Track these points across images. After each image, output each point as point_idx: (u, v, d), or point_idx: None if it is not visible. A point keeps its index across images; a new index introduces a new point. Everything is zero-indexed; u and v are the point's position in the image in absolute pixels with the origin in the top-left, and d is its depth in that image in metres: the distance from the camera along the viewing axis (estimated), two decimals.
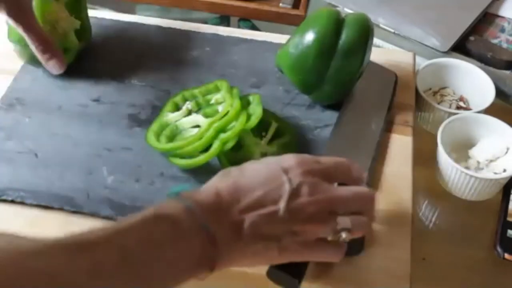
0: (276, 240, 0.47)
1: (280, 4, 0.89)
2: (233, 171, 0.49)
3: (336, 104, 0.69)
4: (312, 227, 0.48)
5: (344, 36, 0.64)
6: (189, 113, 0.66)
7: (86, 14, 0.75)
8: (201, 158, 0.60)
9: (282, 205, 0.47)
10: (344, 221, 0.49)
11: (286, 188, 0.47)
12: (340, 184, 0.52)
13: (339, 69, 0.65)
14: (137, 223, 0.43)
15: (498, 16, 0.86)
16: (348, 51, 0.64)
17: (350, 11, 0.83)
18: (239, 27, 0.94)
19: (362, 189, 0.52)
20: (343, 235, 0.48)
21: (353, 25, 0.64)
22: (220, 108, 0.64)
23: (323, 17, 0.65)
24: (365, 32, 0.65)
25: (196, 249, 0.44)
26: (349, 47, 0.64)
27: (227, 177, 0.49)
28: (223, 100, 0.64)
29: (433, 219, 0.69)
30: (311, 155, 0.52)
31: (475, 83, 0.75)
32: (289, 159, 0.50)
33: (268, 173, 0.49)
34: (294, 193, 0.47)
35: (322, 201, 0.48)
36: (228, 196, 0.47)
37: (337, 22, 0.64)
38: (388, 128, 0.67)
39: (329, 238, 0.49)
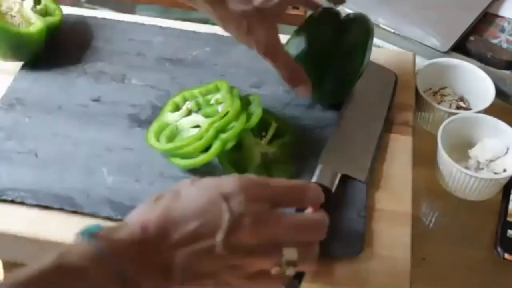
0: (211, 277, 0.42)
1: None
2: (166, 196, 0.44)
3: (336, 104, 0.68)
4: (253, 261, 0.43)
5: (344, 36, 0.64)
6: (189, 113, 0.65)
7: None
8: (201, 158, 0.60)
9: (219, 238, 0.41)
10: (290, 253, 0.43)
11: (226, 218, 0.41)
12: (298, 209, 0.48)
13: (339, 69, 0.65)
14: (33, 278, 0.37)
15: (498, 16, 0.86)
16: (348, 51, 0.64)
17: (350, 11, 0.83)
18: None
19: (313, 216, 0.46)
20: (288, 270, 0.43)
21: (353, 25, 0.64)
22: (220, 108, 0.64)
23: (323, 17, 0.65)
24: (365, 32, 0.65)
25: None
26: (349, 47, 0.64)
27: (157, 205, 0.43)
28: (223, 100, 0.64)
29: (433, 219, 0.69)
30: (260, 177, 0.45)
31: (475, 83, 0.75)
32: (231, 184, 0.43)
33: (205, 200, 0.43)
34: (235, 224, 0.41)
35: (266, 232, 0.42)
36: (156, 229, 0.41)
37: (337, 22, 0.64)
38: (388, 128, 0.67)
39: (273, 272, 0.43)
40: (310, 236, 0.45)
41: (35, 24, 0.71)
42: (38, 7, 0.74)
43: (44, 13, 0.75)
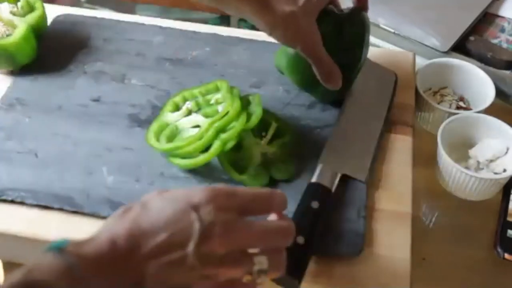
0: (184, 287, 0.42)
1: None
2: (134, 208, 0.43)
3: (336, 104, 0.68)
4: (225, 270, 0.43)
5: (341, 32, 0.64)
6: (189, 113, 0.65)
7: None
8: (201, 158, 0.60)
9: (191, 249, 0.41)
10: (260, 261, 0.43)
11: (196, 228, 0.41)
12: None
13: (337, 66, 0.64)
14: None
15: (498, 16, 0.86)
16: (345, 47, 0.64)
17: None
18: (239, 27, 0.94)
19: (280, 223, 0.46)
20: (260, 278, 0.44)
21: (349, 21, 0.64)
22: (220, 108, 0.64)
23: (320, 14, 0.64)
24: (361, 27, 0.65)
25: None
26: (347, 43, 0.64)
27: (125, 218, 0.42)
28: (223, 100, 0.64)
29: (433, 219, 0.69)
30: (226, 186, 0.46)
31: (475, 83, 0.75)
32: (199, 194, 0.43)
33: (174, 211, 0.42)
34: (205, 233, 0.41)
35: (236, 241, 0.43)
36: (125, 242, 0.40)
37: (334, 19, 0.64)
38: (388, 128, 0.67)
39: (244, 280, 0.44)
40: (279, 242, 0.45)
41: (18, 29, 0.70)
42: (19, 4, 0.73)
43: (28, 10, 0.73)
